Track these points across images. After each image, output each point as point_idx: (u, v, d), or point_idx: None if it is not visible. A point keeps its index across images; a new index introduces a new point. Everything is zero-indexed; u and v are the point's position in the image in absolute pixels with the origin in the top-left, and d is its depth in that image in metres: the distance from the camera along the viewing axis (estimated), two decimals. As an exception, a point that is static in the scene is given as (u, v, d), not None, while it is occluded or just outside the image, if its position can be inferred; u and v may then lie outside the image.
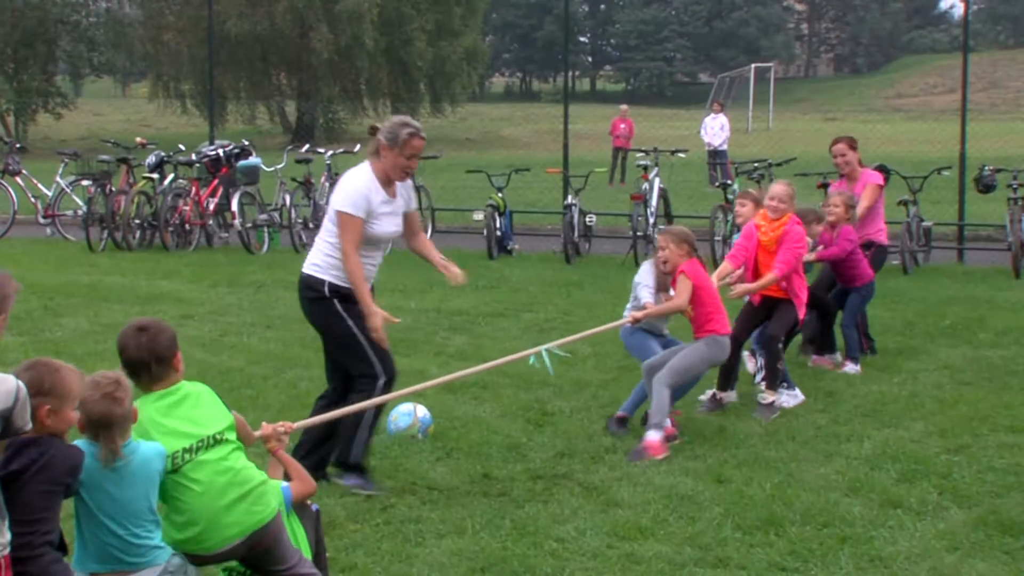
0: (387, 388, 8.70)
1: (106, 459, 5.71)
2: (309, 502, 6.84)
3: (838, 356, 12.80)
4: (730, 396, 11.16)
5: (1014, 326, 14.90)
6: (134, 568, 5.85)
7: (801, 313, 11.29)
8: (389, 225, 8.91)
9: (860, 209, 13.56)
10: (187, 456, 6.02)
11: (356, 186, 8.76)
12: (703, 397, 11.16)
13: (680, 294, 10.00)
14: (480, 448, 9.57)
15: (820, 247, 12.50)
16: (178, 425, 6.09)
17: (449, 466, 9.20)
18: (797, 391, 11.31)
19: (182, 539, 6.03)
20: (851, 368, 12.62)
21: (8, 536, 5.26)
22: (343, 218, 8.66)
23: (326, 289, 8.76)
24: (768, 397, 10.92)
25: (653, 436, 9.62)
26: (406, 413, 10.05)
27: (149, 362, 6.14)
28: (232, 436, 6.24)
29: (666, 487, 8.76)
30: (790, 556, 7.50)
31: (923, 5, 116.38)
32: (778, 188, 11.50)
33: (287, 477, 6.63)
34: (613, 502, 8.47)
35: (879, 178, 14.33)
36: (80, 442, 5.76)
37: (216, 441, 6.13)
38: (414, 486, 8.77)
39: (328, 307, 8.81)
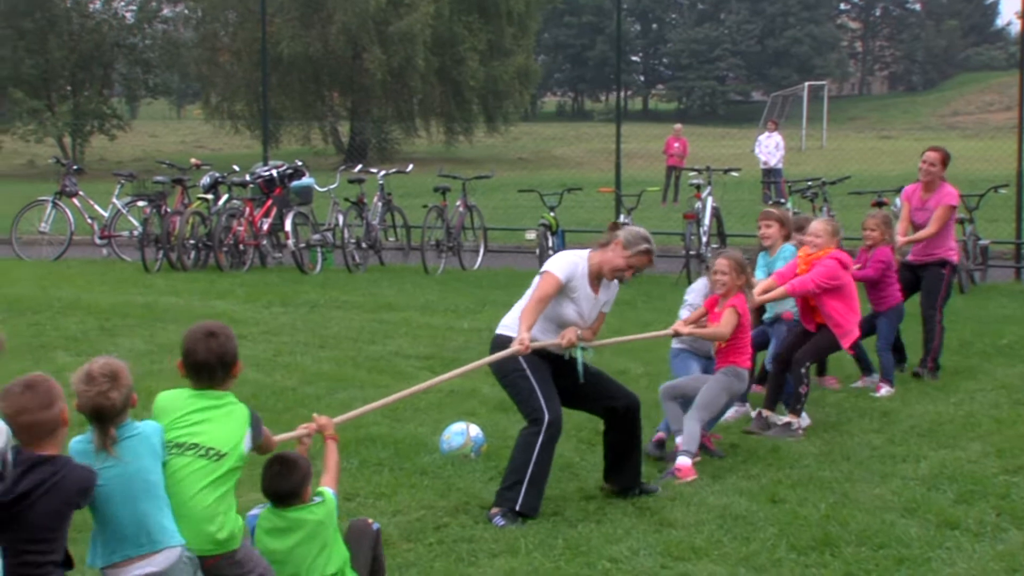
0: (555, 432, 8.70)
1: (100, 447, 5.78)
2: (370, 520, 6.99)
3: (875, 377, 12.72)
4: (775, 416, 11.15)
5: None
6: (150, 550, 5.85)
7: (843, 343, 11.28)
8: (572, 311, 8.91)
9: (930, 230, 13.57)
10: (175, 450, 6.10)
11: (572, 259, 8.99)
12: (752, 414, 11.20)
13: (725, 325, 9.92)
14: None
15: (857, 267, 12.47)
16: (192, 419, 6.21)
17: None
18: (806, 419, 11.20)
19: None
20: (886, 391, 12.55)
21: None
22: (545, 277, 8.83)
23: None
24: (786, 418, 10.96)
25: (684, 461, 9.62)
26: (459, 432, 10.05)
27: (215, 367, 6.29)
28: (231, 464, 6.21)
29: (720, 507, 8.74)
30: (847, 577, 7.48)
31: (979, 23, 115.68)
32: (816, 225, 11.64)
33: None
34: (666, 522, 8.46)
35: (955, 198, 14.14)
36: (78, 439, 5.87)
37: (211, 455, 6.15)
38: (467, 505, 8.78)
39: (513, 368, 8.78)
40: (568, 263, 8.91)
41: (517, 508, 8.47)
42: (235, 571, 6.20)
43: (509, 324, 8.96)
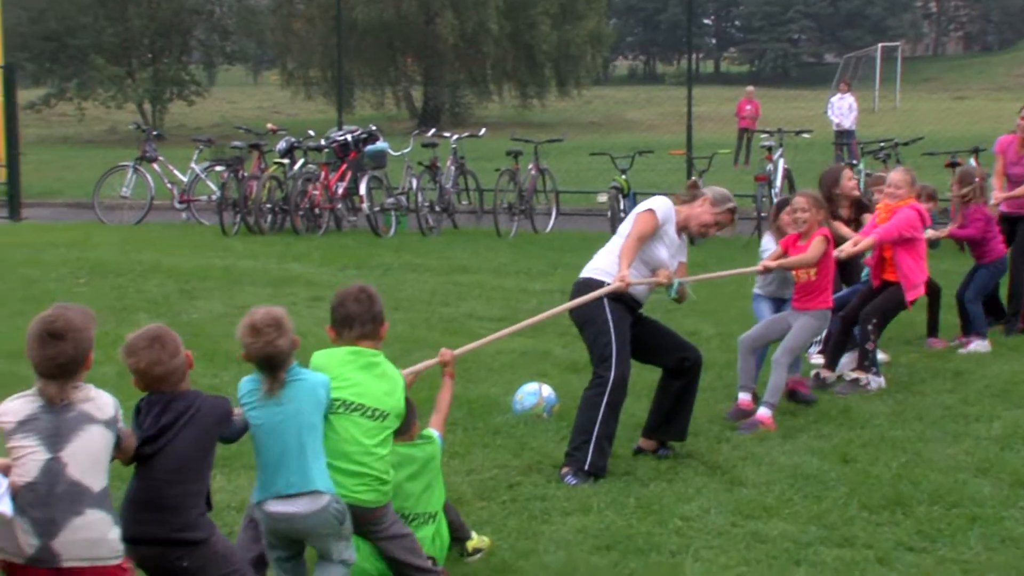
0: (621, 393, 8.76)
1: (269, 391, 6.02)
2: None
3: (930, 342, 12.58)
4: (831, 375, 11.19)
5: None
6: (300, 490, 6.03)
7: (909, 296, 11.15)
8: (664, 252, 9.01)
9: (1019, 191, 13.40)
10: (340, 408, 6.28)
11: (667, 203, 9.10)
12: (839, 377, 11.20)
13: (813, 250, 9.96)
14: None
15: (953, 224, 12.38)
16: (353, 379, 6.40)
17: (574, 445, 9.19)
18: (883, 379, 11.11)
19: None
20: (977, 344, 12.51)
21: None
22: (645, 215, 8.92)
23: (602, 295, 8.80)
24: (853, 375, 10.99)
25: (766, 412, 9.75)
26: (532, 393, 10.08)
27: (366, 321, 6.56)
28: (389, 424, 6.45)
29: (791, 466, 8.73)
30: (917, 535, 7.44)
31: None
32: (895, 175, 11.60)
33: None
34: (737, 481, 8.46)
35: None
36: (248, 378, 6.13)
37: (371, 415, 6.37)
38: (540, 464, 8.81)
39: (598, 309, 8.79)
40: (665, 205, 9.03)
41: (586, 468, 8.51)
42: (384, 520, 6.45)
43: (599, 268, 9.01)
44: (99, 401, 5.44)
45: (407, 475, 6.75)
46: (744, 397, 10.17)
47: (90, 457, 5.33)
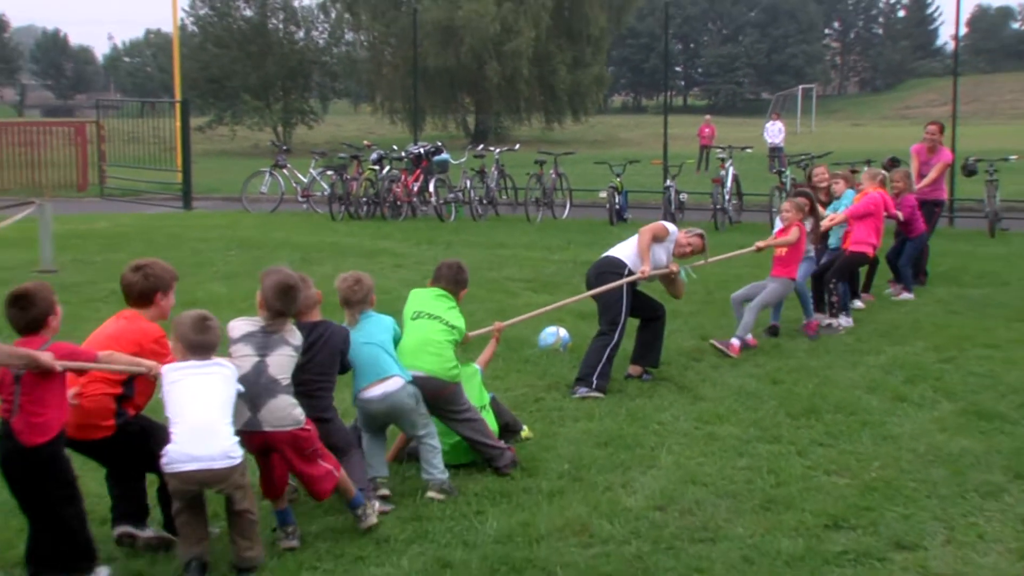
0: (620, 342, 8.88)
1: (349, 322, 6.58)
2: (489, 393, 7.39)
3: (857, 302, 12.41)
4: (827, 321, 11.06)
5: (989, 271, 14.50)
6: (379, 377, 6.43)
7: (862, 250, 11.23)
8: (663, 256, 9.21)
9: (930, 178, 14.03)
10: (427, 317, 6.87)
11: (675, 227, 9.46)
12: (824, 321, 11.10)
13: (791, 235, 10.33)
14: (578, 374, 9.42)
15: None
16: (438, 305, 6.97)
17: (582, 371, 9.14)
18: (850, 320, 11.19)
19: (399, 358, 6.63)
20: (907, 295, 12.63)
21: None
22: (661, 224, 9.27)
23: (626, 271, 9.00)
24: (827, 321, 10.97)
25: (735, 342, 9.89)
26: (552, 333, 10.07)
27: (449, 281, 7.06)
28: (455, 336, 6.88)
29: (736, 386, 8.71)
30: (825, 435, 7.47)
31: (924, 42, 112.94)
32: (864, 175, 11.94)
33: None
34: (698, 397, 8.45)
35: (950, 157, 14.48)
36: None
37: (446, 324, 6.86)
38: (557, 384, 8.80)
39: (620, 289, 8.94)
40: (674, 228, 9.36)
41: (592, 387, 8.52)
42: (456, 401, 6.76)
43: (622, 253, 9.19)
44: (294, 333, 5.87)
45: (464, 377, 6.96)
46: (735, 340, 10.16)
47: (282, 364, 5.70)
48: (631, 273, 8.94)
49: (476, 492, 6.33)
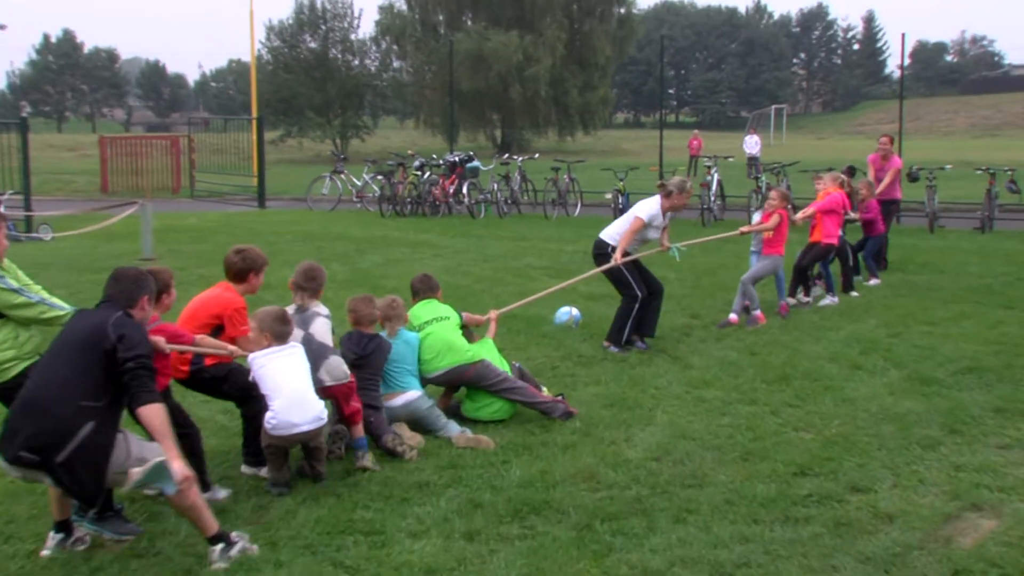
0: (640, 302, 8.89)
1: (390, 335, 6.61)
2: (513, 362, 7.41)
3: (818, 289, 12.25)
4: (805, 299, 11.09)
5: (928, 261, 14.37)
6: (404, 389, 6.52)
7: (827, 242, 11.07)
8: (653, 233, 9.15)
9: (886, 182, 14.01)
10: (436, 322, 6.92)
11: (652, 205, 9.08)
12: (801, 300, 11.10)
13: (772, 221, 10.32)
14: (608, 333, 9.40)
15: (856, 215, 12.37)
16: (433, 310, 7.02)
17: (591, 344, 9.12)
18: (836, 298, 11.23)
19: (425, 364, 6.78)
20: (874, 282, 12.47)
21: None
22: (635, 220, 8.99)
23: (609, 249, 8.99)
24: (806, 299, 11.05)
25: (759, 312, 10.01)
26: (565, 312, 10.02)
27: (427, 291, 7.13)
28: (456, 322, 6.99)
29: (720, 357, 8.65)
30: (795, 398, 7.39)
31: (875, 70, 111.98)
32: (827, 177, 11.69)
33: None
34: (689, 365, 8.39)
35: (900, 163, 14.45)
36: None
37: (448, 319, 6.97)
38: (570, 355, 8.75)
39: (609, 259, 8.97)
40: (651, 210, 9.04)
41: (622, 343, 8.77)
42: (488, 376, 6.80)
43: (610, 234, 9.10)
44: (320, 306, 6.11)
45: (486, 351, 7.03)
46: (733, 315, 10.16)
47: (322, 331, 5.96)
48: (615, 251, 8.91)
49: (502, 445, 6.31)
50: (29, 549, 4.86)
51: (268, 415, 5.42)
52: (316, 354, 5.80)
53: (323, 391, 5.77)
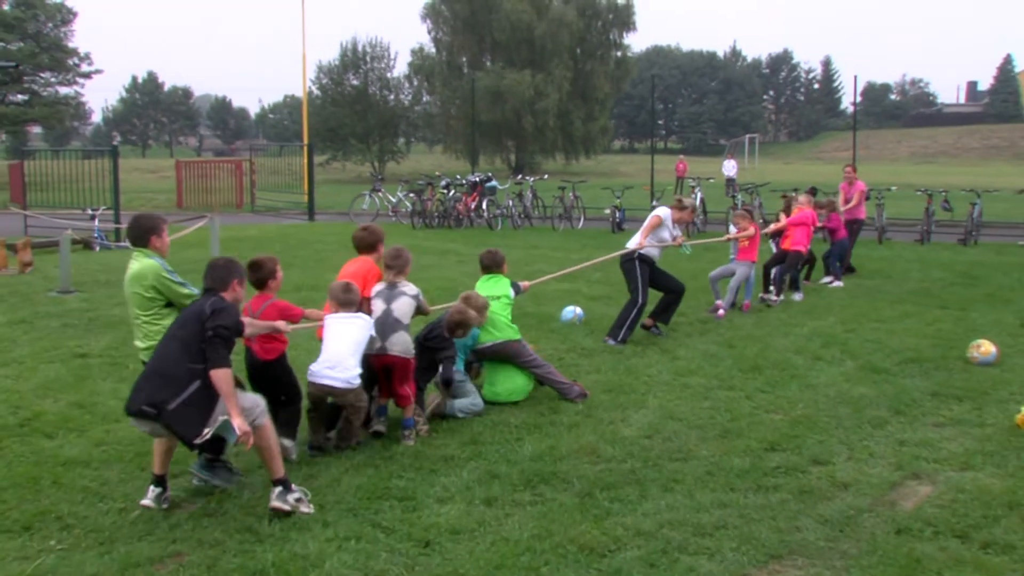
0: (643, 308, 8.94)
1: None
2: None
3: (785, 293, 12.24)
4: (772, 297, 11.04)
5: (878, 268, 14.35)
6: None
7: (796, 248, 11.16)
8: (667, 234, 9.28)
9: (853, 202, 14.10)
10: (492, 300, 6.91)
11: (667, 211, 9.30)
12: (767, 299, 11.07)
13: (746, 233, 10.46)
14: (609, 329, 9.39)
15: (824, 224, 12.48)
16: (493, 286, 7.14)
17: (593, 339, 9.10)
18: (801, 294, 11.39)
19: (480, 335, 6.80)
20: (837, 284, 12.47)
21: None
22: (655, 216, 9.22)
23: (636, 255, 9.07)
24: (775, 299, 11.00)
25: (721, 310, 10.13)
26: (570, 311, 10.02)
27: (494, 265, 7.27)
28: (509, 301, 7.04)
29: (703, 349, 8.64)
30: (766, 384, 7.37)
31: (832, 105, 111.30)
32: (802, 198, 11.81)
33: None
34: (675, 356, 8.37)
35: (864, 187, 14.50)
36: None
37: (501, 299, 7.02)
38: (574, 348, 8.74)
39: (633, 264, 9.07)
40: (666, 213, 9.28)
41: (620, 339, 8.73)
42: (523, 354, 6.81)
43: (632, 241, 9.25)
44: (408, 286, 6.17)
45: (508, 335, 6.95)
46: (718, 302, 10.36)
47: (403, 308, 6.02)
48: (639, 256, 9.00)
49: (516, 424, 6.31)
50: (119, 507, 4.91)
51: (312, 365, 5.60)
52: (389, 327, 5.90)
53: (388, 360, 5.86)
